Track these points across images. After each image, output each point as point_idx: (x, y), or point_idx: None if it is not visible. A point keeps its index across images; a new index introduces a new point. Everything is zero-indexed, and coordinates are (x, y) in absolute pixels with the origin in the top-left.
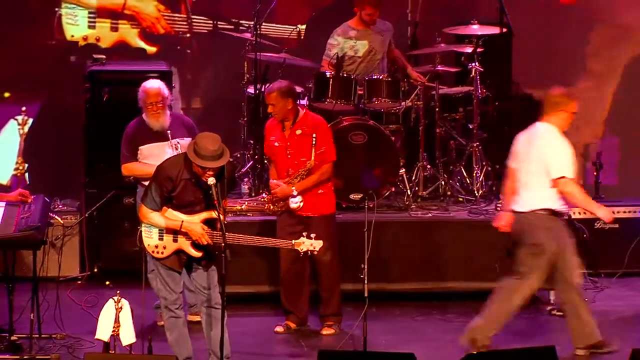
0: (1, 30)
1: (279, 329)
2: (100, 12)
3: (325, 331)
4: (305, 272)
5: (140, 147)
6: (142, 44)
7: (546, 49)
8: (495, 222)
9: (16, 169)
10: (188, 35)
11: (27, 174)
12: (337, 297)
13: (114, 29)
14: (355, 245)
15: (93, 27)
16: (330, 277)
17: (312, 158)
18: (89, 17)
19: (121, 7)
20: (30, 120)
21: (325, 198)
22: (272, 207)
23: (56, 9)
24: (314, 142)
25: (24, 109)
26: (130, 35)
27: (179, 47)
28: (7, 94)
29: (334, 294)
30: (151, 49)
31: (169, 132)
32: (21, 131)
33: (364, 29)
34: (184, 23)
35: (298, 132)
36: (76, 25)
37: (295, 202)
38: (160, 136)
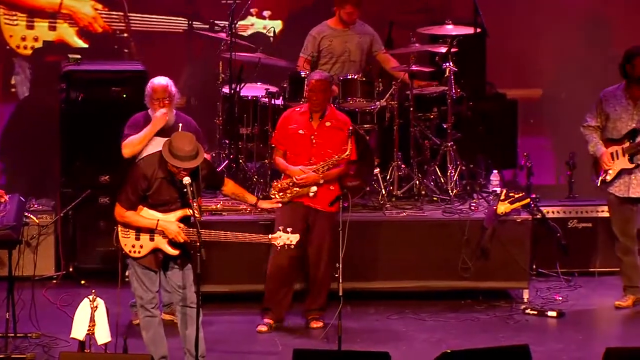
0: None
1: (262, 328)
2: (38, 13)
3: (315, 324)
4: (294, 272)
5: None
6: (80, 43)
7: (520, 50)
8: None
9: None
10: (125, 35)
11: None
12: (326, 292)
13: (52, 28)
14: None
15: (32, 27)
16: (324, 273)
17: (349, 151)
18: (27, 18)
19: (58, 7)
20: None
21: (335, 195)
22: (279, 195)
23: None
24: (349, 135)
25: None
26: (69, 34)
27: (115, 47)
28: None
29: (324, 289)
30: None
31: (180, 125)
32: None
33: (342, 29)
34: (122, 22)
35: (327, 124)
36: (14, 25)
37: (313, 191)
38: (162, 132)
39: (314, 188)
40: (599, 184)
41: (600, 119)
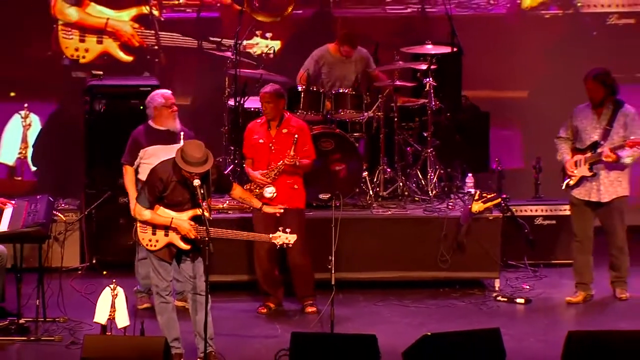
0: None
1: (262, 310)
2: (88, 30)
3: (310, 309)
4: (273, 258)
5: (146, 149)
6: (121, 54)
7: (492, 66)
8: None
9: (20, 152)
10: (156, 47)
11: (29, 158)
12: (312, 280)
13: (99, 42)
14: (324, 239)
15: (83, 41)
16: (303, 262)
17: (292, 153)
18: (80, 33)
19: (104, 25)
20: (32, 115)
21: (299, 193)
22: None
23: (54, 25)
24: (295, 141)
25: (26, 105)
26: (112, 47)
27: (148, 57)
28: (12, 94)
29: (309, 277)
30: (128, 58)
31: (182, 133)
32: (24, 123)
33: (341, 57)
34: (153, 38)
35: (284, 131)
36: (70, 39)
37: (269, 192)
38: (165, 140)
39: (271, 189)
40: (563, 188)
41: (571, 132)
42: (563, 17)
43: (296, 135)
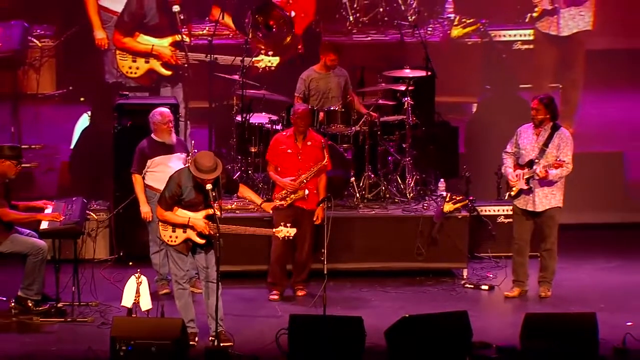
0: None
1: (274, 297)
2: (138, 52)
3: (300, 293)
4: (288, 254)
5: (153, 159)
6: (163, 70)
7: (460, 87)
8: None
9: None
10: (186, 65)
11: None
12: (309, 269)
13: (147, 62)
14: (317, 235)
15: (135, 61)
16: (307, 255)
17: (325, 159)
18: (132, 56)
19: (150, 50)
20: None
21: (315, 197)
22: (284, 203)
23: (112, 49)
24: (323, 147)
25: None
26: (156, 65)
27: (180, 72)
28: (82, 99)
29: (307, 267)
30: (168, 73)
31: (192, 142)
32: (90, 120)
33: (325, 73)
34: (184, 59)
35: (309, 143)
36: (125, 60)
37: (306, 194)
38: (167, 150)
39: (306, 191)
40: (506, 198)
41: (516, 148)
42: (481, 44)
43: (323, 141)
